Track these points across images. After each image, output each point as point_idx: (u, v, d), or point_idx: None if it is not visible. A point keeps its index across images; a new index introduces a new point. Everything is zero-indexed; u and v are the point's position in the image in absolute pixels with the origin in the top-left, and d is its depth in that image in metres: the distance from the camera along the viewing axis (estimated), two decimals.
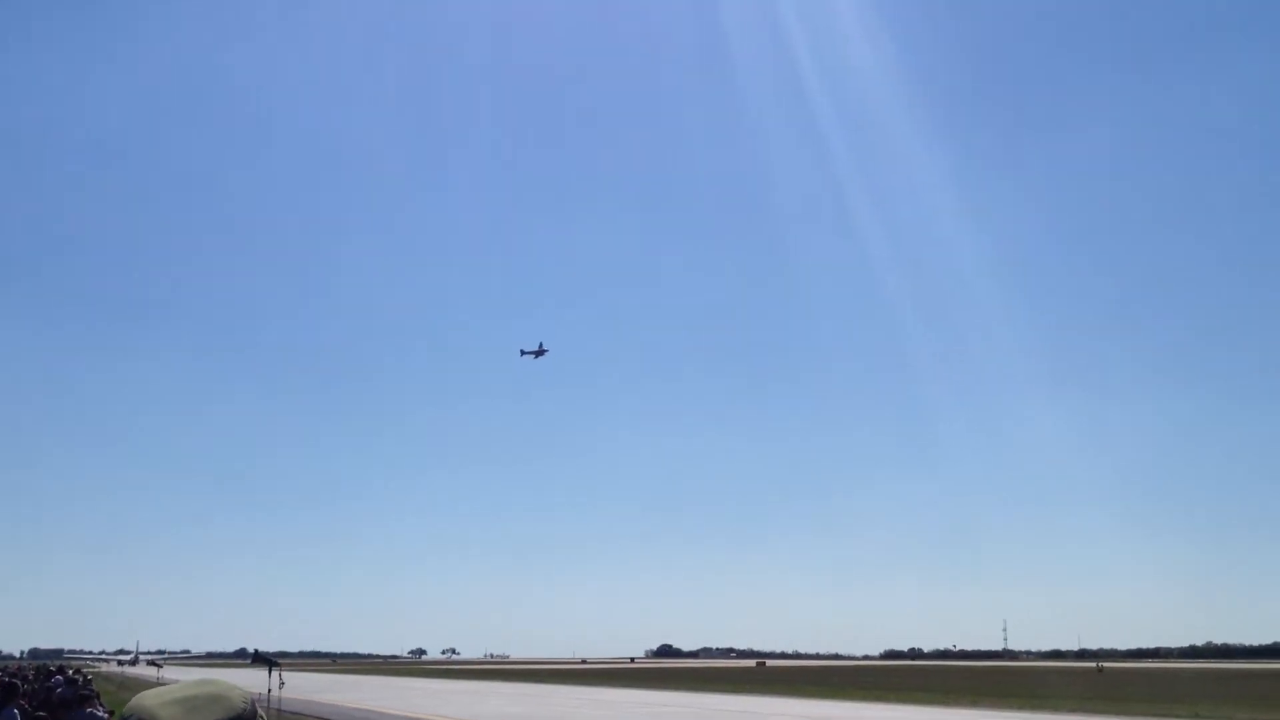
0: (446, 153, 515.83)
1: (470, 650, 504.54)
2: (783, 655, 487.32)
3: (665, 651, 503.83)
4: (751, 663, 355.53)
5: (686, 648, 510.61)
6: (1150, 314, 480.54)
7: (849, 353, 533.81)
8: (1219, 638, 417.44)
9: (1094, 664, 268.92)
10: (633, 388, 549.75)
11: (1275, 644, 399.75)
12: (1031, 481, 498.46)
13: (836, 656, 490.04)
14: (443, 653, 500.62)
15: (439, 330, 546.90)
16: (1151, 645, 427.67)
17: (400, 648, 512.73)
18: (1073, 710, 60.55)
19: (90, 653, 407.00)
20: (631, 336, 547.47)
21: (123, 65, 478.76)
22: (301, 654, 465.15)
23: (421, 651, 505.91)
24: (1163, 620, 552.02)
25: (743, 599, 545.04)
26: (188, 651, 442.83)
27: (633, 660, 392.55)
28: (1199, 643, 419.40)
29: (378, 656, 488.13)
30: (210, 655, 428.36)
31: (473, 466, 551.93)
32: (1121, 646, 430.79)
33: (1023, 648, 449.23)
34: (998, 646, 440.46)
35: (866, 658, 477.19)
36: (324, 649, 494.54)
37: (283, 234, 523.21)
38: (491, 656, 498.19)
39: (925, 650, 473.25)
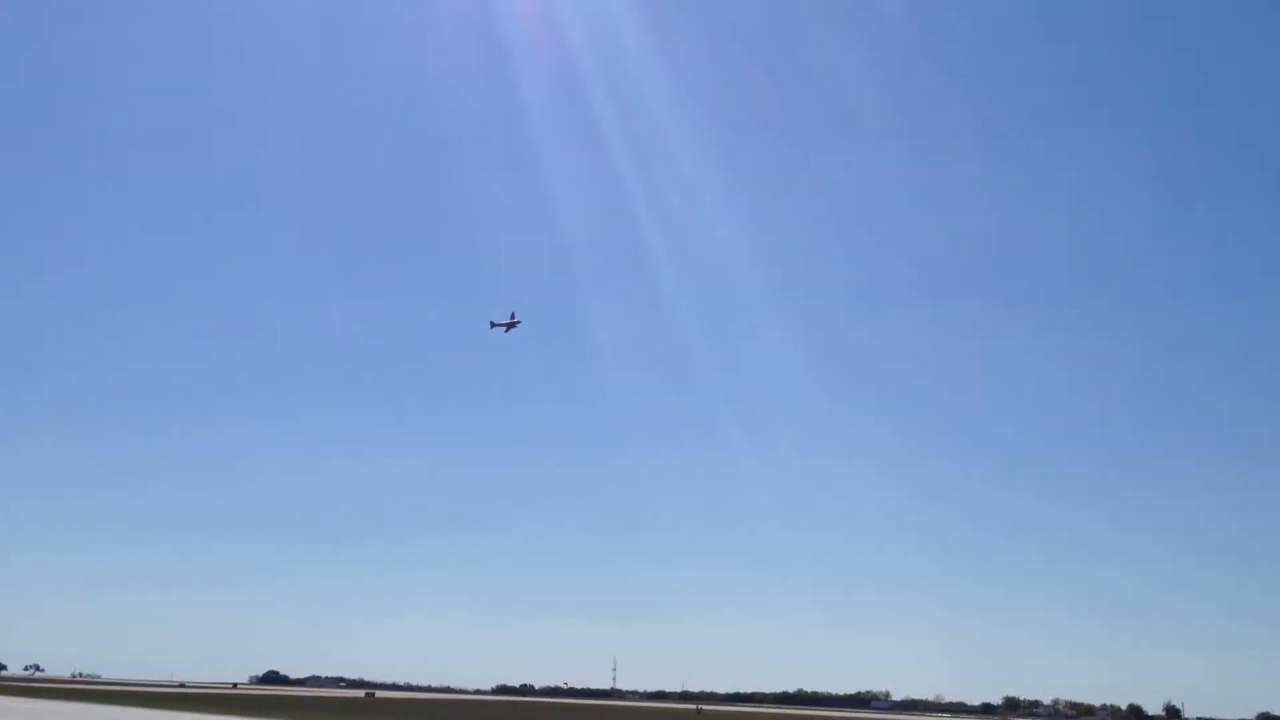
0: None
1: (57, 668, 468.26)
2: (394, 686, 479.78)
3: (271, 678, 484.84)
4: (360, 693, 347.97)
5: (294, 675, 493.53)
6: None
7: (483, 384, 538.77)
8: (810, 686, 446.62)
9: (694, 706, 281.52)
10: (251, 399, 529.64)
11: (859, 694, 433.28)
12: (647, 524, 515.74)
13: (448, 690, 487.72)
14: (25, 669, 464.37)
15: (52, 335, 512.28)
16: (749, 690, 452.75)
17: None
18: None
19: None
20: (258, 349, 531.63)
21: None
22: None
23: (1, 666, 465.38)
24: (761, 667, 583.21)
25: (356, 627, 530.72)
26: None
27: (235, 686, 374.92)
28: (792, 689, 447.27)
29: None
30: None
31: (69, 472, 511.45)
32: (722, 690, 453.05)
33: (631, 687, 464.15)
34: (607, 685, 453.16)
35: (479, 691, 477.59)
36: None
37: None
38: (80, 676, 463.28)
39: (537, 686, 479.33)
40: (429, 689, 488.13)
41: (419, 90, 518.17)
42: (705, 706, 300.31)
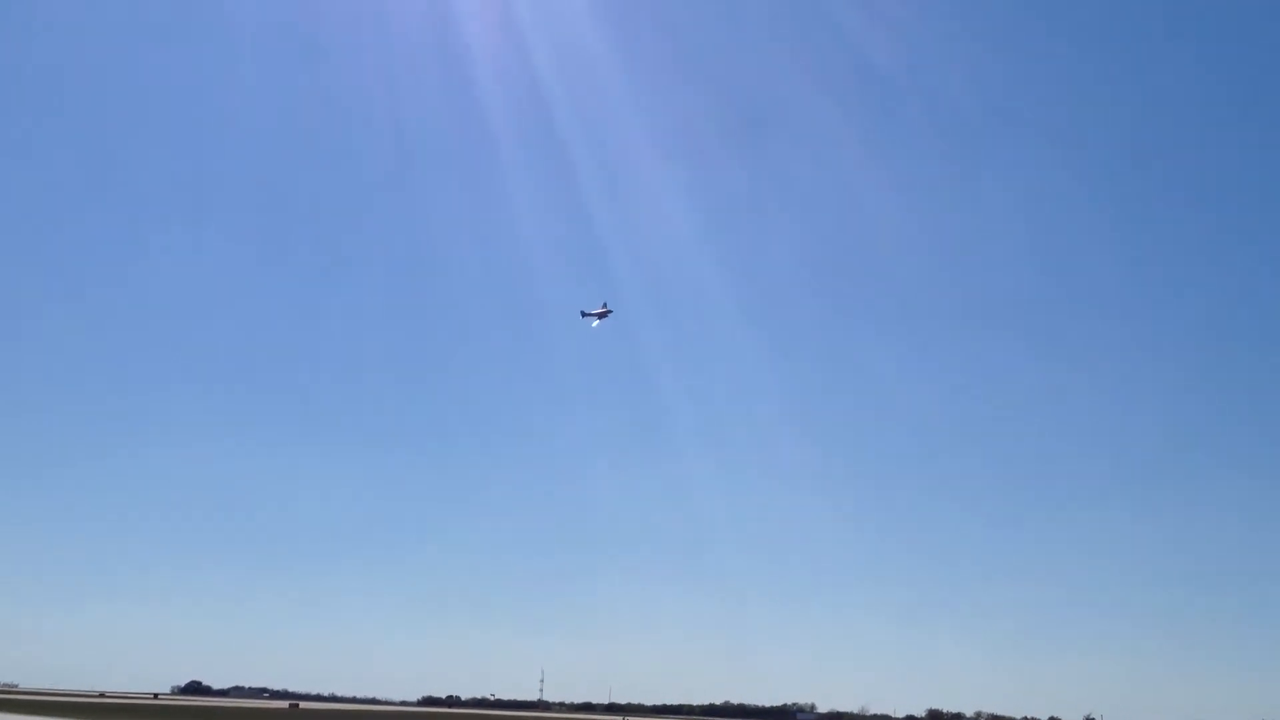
0: None
1: None
2: (318, 698, 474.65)
3: (193, 688, 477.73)
4: (284, 704, 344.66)
5: (217, 685, 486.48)
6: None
7: (420, 393, 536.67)
8: (737, 698, 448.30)
9: (620, 718, 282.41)
10: (173, 406, 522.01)
11: (784, 705, 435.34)
12: (577, 536, 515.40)
13: (374, 701, 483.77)
14: None
15: None
16: (676, 702, 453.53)
17: None
18: None
19: None
20: (184, 356, 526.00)
21: None
22: None
23: None
24: (688, 678, 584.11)
25: (280, 637, 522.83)
26: None
27: (156, 696, 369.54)
28: (718, 701, 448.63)
29: None
30: None
31: None
32: (649, 702, 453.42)
33: (558, 699, 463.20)
34: (535, 696, 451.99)
35: (405, 703, 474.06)
36: None
37: None
38: None
39: (463, 697, 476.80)
40: (354, 700, 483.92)
41: (377, 105, 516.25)
42: (632, 718, 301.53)
